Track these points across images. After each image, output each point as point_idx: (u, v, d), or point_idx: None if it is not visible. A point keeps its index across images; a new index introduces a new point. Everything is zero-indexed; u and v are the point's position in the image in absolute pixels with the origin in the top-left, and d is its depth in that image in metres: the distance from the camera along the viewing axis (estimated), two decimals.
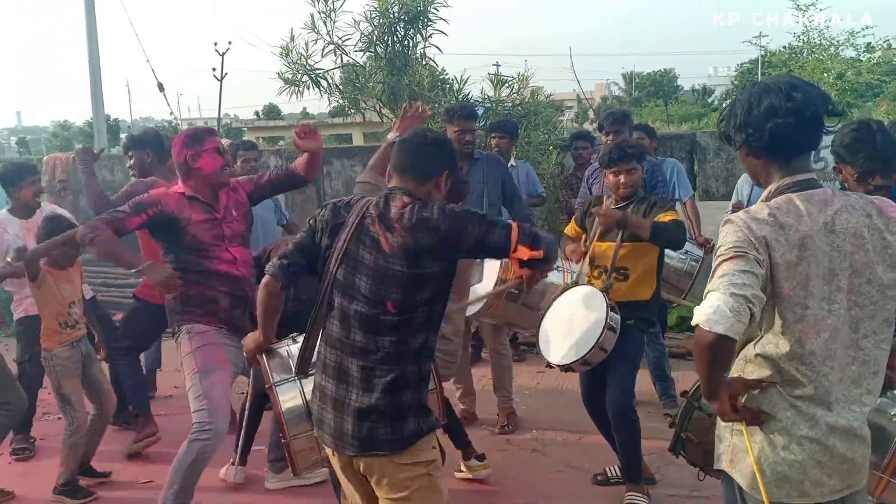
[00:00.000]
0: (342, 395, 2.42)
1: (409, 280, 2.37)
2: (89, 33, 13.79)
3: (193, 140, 3.66)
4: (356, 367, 2.41)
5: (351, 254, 2.43)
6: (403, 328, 2.40)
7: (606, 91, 46.35)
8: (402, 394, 2.40)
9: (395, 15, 6.55)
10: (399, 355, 2.40)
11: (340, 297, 2.44)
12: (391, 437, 2.38)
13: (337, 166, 8.97)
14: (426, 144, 2.51)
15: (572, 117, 32.39)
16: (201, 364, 3.58)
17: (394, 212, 2.40)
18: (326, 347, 2.50)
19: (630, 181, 3.91)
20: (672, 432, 2.71)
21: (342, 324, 2.45)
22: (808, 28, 12.26)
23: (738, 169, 7.60)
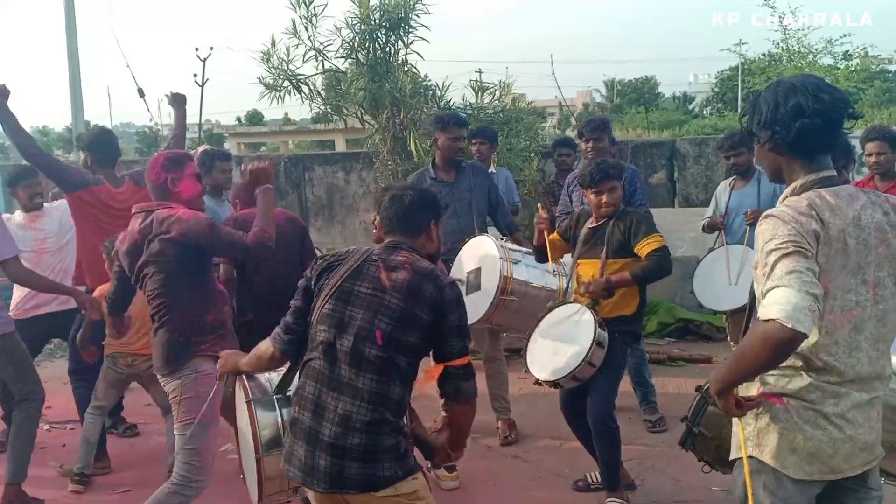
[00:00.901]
0: (316, 429, 2.39)
1: (401, 315, 2.41)
2: (69, 38, 13.69)
3: (174, 164, 3.51)
4: (335, 403, 2.39)
5: (345, 289, 2.47)
6: (386, 369, 2.40)
7: (588, 98, 46.60)
8: (378, 437, 2.37)
9: (377, 21, 6.55)
10: (380, 397, 2.39)
11: (327, 331, 2.45)
12: (362, 478, 2.35)
13: (319, 172, 8.95)
14: (410, 203, 2.63)
15: (554, 124, 32.49)
16: (205, 414, 3.28)
17: (401, 258, 2.52)
18: (306, 380, 2.49)
19: (612, 200, 3.94)
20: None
21: (326, 356, 2.44)
22: (787, 35, 12.40)
23: (717, 176, 7.68)
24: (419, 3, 6.61)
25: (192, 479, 3.32)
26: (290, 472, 2.46)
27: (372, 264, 2.51)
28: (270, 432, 2.72)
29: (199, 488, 3.36)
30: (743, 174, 5.37)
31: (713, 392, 2.15)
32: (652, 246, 3.79)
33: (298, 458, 2.42)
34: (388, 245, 2.60)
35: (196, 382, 3.33)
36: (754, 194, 5.25)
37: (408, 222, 2.63)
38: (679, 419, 2.76)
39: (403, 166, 6.75)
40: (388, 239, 2.63)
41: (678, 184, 8.29)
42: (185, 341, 3.34)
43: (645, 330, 6.99)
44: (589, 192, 4.00)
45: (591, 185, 3.96)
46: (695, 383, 5.80)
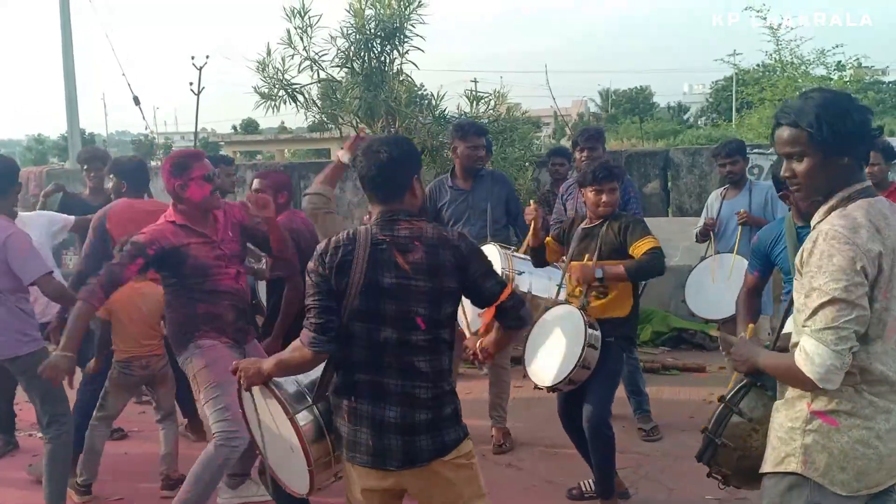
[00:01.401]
0: (380, 415, 2.45)
1: (434, 294, 2.46)
2: (65, 47, 13.72)
3: (180, 169, 3.66)
4: (395, 387, 2.45)
5: (370, 282, 2.44)
6: (434, 346, 2.49)
7: (583, 108, 46.73)
8: (442, 408, 2.50)
9: (372, 31, 6.57)
10: (436, 373, 2.49)
11: (363, 325, 2.46)
12: (432, 447, 2.47)
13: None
14: (385, 164, 2.49)
15: (549, 133, 32.59)
16: (217, 377, 3.59)
17: (406, 233, 2.48)
18: (353, 372, 2.49)
19: (611, 201, 3.95)
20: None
21: (372, 349, 2.46)
22: (780, 46, 12.47)
23: (710, 185, 7.71)
24: (414, 13, 6.63)
25: (232, 432, 3.54)
26: (357, 458, 2.49)
27: (382, 250, 2.46)
28: (316, 439, 2.62)
29: (239, 439, 3.53)
30: (735, 183, 5.41)
31: (744, 368, 2.29)
32: (646, 246, 3.79)
33: (365, 445, 2.47)
34: (384, 218, 2.51)
35: (201, 356, 3.65)
36: (746, 203, 5.30)
37: (389, 186, 2.52)
38: (678, 429, 2.77)
39: None
40: (378, 208, 2.54)
41: (672, 193, 8.33)
42: (181, 331, 3.72)
43: (639, 339, 7.01)
44: (588, 191, 3.98)
45: (592, 182, 3.95)
46: (689, 392, 5.93)
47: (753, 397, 2.40)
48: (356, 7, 6.59)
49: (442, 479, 2.52)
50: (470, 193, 5.02)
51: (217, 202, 3.80)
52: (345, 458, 2.56)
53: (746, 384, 2.43)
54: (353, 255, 2.45)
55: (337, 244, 2.48)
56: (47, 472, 4.04)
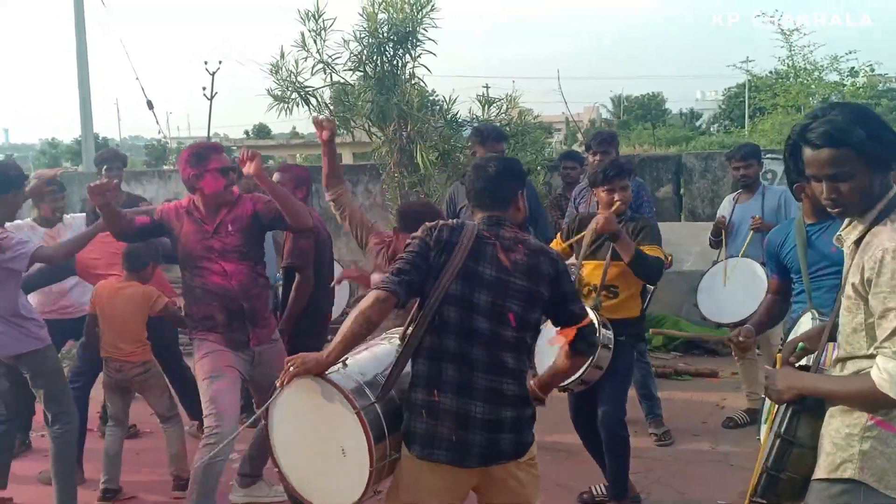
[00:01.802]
0: (465, 410, 2.45)
1: (528, 295, 2.53)
2: (79, 51, 13.82)
3: (197, 159, 3.69)
4: (483, 381, 2.47)
5: (469, 269, 2.50)
6: (520, 346, 2.55)
7: (595, 114, 46.63)
8: (524, 408, 2.55)
9: (385, 35, 6.58)
10: (520, 372, 2.54)
11: (458, 311, 2.48)
12: (513, 447, 2.52)
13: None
14: (496, 174, 2.67)
15: (561, 139, 32.57)
16: (208, 370, 3.66)
17: (511, 235, 2.60)
18: (439, 363, 2.48)
19: (623, 198, 3.95)
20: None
21: (463, 338, 2.48)
22: (793, 52, 12.42)
23: (723, 190, 7.69)
24: (427, 18, 6.64)
25: (212, 427, 3.55)
26: (435, 454, 2.46)
27: (487, 244, 2.54)
28: (377, 438, 2.46)
29: (221, 434, 3.50)
30: (748, 187, 5.40)
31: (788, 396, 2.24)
32: (655, 252, 3.84)
33: (446, 440, 2.45)
34: (490, 221, 2.62)
35: (196, 351, 3.75)
36: (758, 207, 5.29)
37: (497, 195, 2.66)
38: (690, 433, 2.74)
39: (410, 178, 6.77)
40: (481, 214, 2.66)
41: (684, 198, 8.30)
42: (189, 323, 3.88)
43: (651, 344, 6.99)
44: (600, 191, 3.98)
45: (603, 181, 3.95)
46: (701, 397, 5.91)
47: (808, 424, 2.31)
48: (369, 11, 6.61)
49: (514, 480, 2.55)
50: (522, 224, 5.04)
51: (230, 197, 3.78)
52: (414, 454, 2.48)
53: (794, 411, 2.34)
54: (459, 239, 2.52)
55: (447, 225, 2.58)
56: (54, 471, 4.07)
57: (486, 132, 5.16)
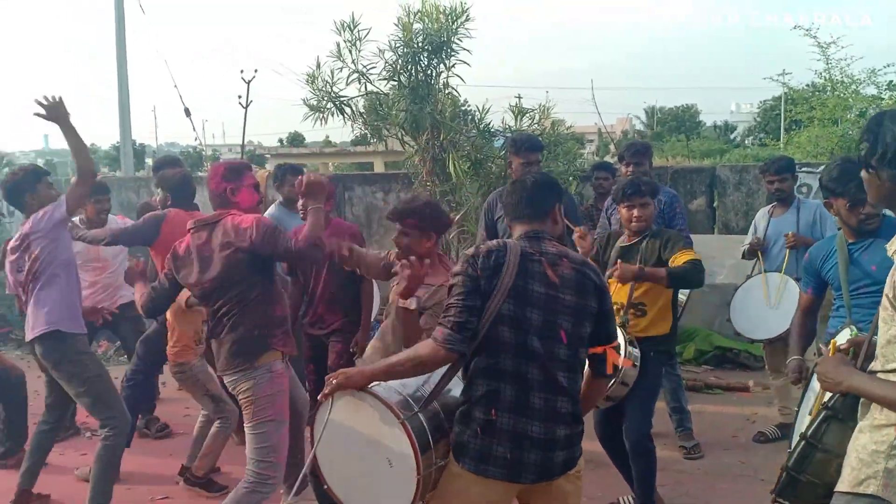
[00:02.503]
0: (522, 429, 2.46)
1: (578, 310, 2.53)
2: (119, 59, 14.10)
3: (234, 173, 3.68)
4: (540, 401, 2.48)
5: (519, 289, 2.49)
6: (573, 364, 2.55)
7: (628, 125, 46.44)
8: (577, 424, 2.57)
9: (419, 45, 6.64)
10: (574, 390, 2.55)
11: (511, 331, 2.47)
12: (565, 463, 2.53)
13: (358, 192, 9.06)
14: (533, 186, 2.71)
15: (593, 150, 32.43)
16: (278, 412, 3.48)
17: (554, 250, 2.60)
18: (496, 382, 2.48)
19: (642, 215, 3.96)
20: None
21: (519, 357, 2.48)
22: (830, 65, 12.23)
23: (757, 203, 7.61)
24: (461, 28, 6.69)
25: (270, 476, 3.44)
26: (490, 471, 2.47)
27: (532, 260, 2.54)
28: (423, 447, 2.48)
29: (276, 484, 3.49)
30: (783, 201, 5.35)
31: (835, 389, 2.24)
32: (686, 257, 3.80)
33: (501, 458, 2.46)
34: (530, 236, 2.62)
35: (271, 382, 3.46)
36: (793, 221, 5.23)
37: (535, 207, 2.67)
38: (720, 447, 2.73)
39: (442, 187, 6.81)
40: (520, 228, 2.66)
41: (718, 210, 8.23)
42: (259, 335, 3.46)
43: (682, 357, 6.93)
44: (621, 207, 4.03)
45: (622, 199, 4.00)
46: (732, 411, 5.86)
47: (837, 431, 2.32)
48: (404, 21, 6.68)
49: (562, 492, 2.57)
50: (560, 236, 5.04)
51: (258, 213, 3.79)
52: (465, 467, 2.49)
53: (826, 417, 2.36)
54: (506, 259, 2.51)
55: (489, 249, 2.54)
56: (94, 469, 4.13)
57: (521, 141, 5.16)
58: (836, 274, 3.47)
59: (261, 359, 3.46)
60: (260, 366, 3.46)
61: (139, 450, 5.08)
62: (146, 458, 5.12)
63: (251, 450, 3.47)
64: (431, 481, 2.55)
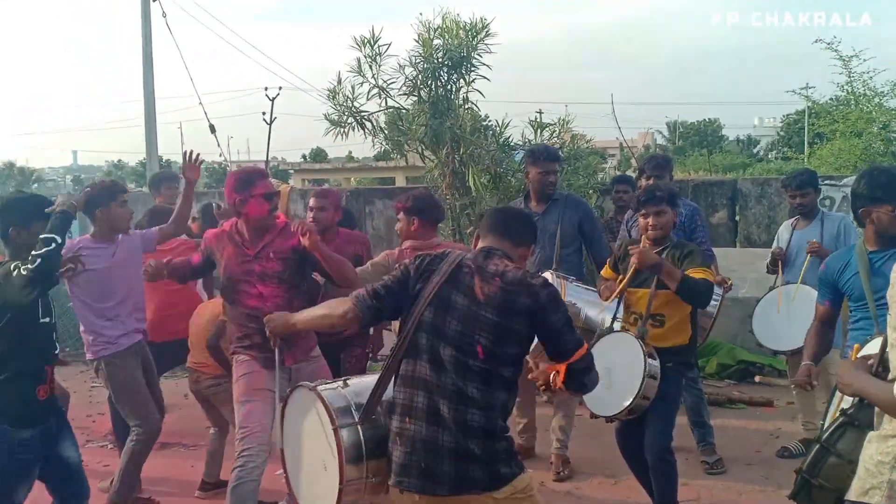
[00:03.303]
0: (433, 437, 2.46)
1: (498, 330, 2.49)
2: (145, 77, 14.30)
3: (243, 185, 3.73)
4: (450, 410, 2.46)
5: (443, 296, 2.53)
6: (490, 379, 2.50)
7: (649, 139, 46.28)
8: (495, 440, 2.50)
9: (439, 60, 6.69)
10: (489, 405, 2.49)
11: (429, 339, 2.52)
12: (487, 478, 2.47)
13: (379, 206, 9.12)
14: (523, 216, 2.85)
15: (615, 165, 32.32)
16: (241, 393, 3.73)
17: (493, 267, 2.56)
18: (412, 389, 2.52)
19: (659, 223, 3.94)
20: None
21: (433, 365, 2.50)
22: (853, 78, 12.19)
23: (780, 216, 7.57)
24: (481, 43, 6.74)
25: (241, 449, 3.61)
26: (405, 483, 2.48)
27: (466, 272, 2.55)
28: (354, 461, 2.56)
29: (249, 455, 3.60)
30: (806, 214, 5.31)
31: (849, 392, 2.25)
32: (702, 273, 3.77)
33: (416, 468, 2.46)
34: (482, 250, 2.65)
35: (236, 370, 3.79)
36: (817, 234, 5.18)
37: (511, 229, 2.72)
38: (743, 462, 2.71)
39: (461, 201, 6.84)
40: (483, 244, 2.69)
41: (740, 224, 8.19)
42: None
43: (704, 371, 6.87)
44: (640, 216, 4.03)
45: (638, 207, 4.00)
46: (756, 426, 5.81)
47: (852, 438, 2.34)
48: (424, 37, 6.73)
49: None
50: (542, 217, 5.02)
51: (272, 221, 3.83)
52: (392, 483, 2.53)
53: (843, 423, 2.37)
54: (439, 266, 2.59)
55: (431, 255, 2.66)
56: (121, 463, 4.35)
57: (539, 152, 5.17)
58: (856, 284, 3.42)
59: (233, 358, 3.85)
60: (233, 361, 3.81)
61: (161, 458, 5.11)
62: (168, 467, 5.16)
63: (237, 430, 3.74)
64: (365, 492, 2.61)
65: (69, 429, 3.43)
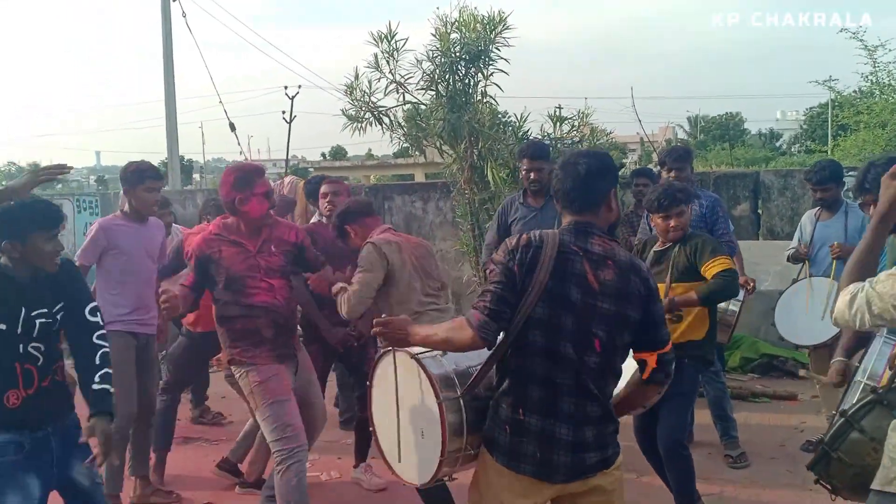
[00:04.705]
0: (550, 430, 2.41)
1: (615, 320, 2.41)
2: (166, 77, 14.42)
3: (243, 184, 3.68)
4: (567, 405, 2.40)
5: (554, 292, 2.36)
6: (605, 371, 2.45)
7: (670, 134, 45.92)
8: (607, 426, 2.49)
9: (457, 54, 6.66)
10: (605, 395, 2.47)
11: (544, 336, 2.38)
12: (599, 462, 2.47)
13: (398, 202, 9.12)
14: (587, 174, 2.44)
15: (635, 160, 32.12)
16: (274, 394, 3.63)
17: (600, 249, 2.41)
18: (525, 383, 2.43)
19: (679, 224, 3.92)
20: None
21: (547, 362, 2.39)
22: (877, 68, 12.02)
23: (803, 208, 7.46)
24: (499, 37, 6.70)
25: (293, 447, 3.57)
26: (522, 468, 2.43)
27: (574, 259, 2.38)
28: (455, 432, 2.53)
29: (304, 450, 3.62)
30: (829, 206, 5.23)
31: None
32: (719, 267, 3.74)
33: (531, 456, 2.42)
34: (577, 229, 2.44)
35: (257, 372, 3.66)
36: (841, 226, 5.10)
37: (588, 196, 2.44)
38: (766, 456, 2.69)
39: (480, 195, 6.82)
40: (571, 218, 2.47)
41: (762, 216, 8.10)
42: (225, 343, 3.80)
43: (727, 365, 6.81)
44: (656, 217, 3.97)
45: (658, 209, 3.94)
46: (779, 419, 5.75)
47: (877, 415, 2.32)
48: (442, 31, 6.70)
49: (600, 490, 2.50)
50: (540, 211, 5.06)
51: (270, 219, 3.84)
52: (499, 462, 2.46)
53: (871, 401, 2.34)
54: (542, 255, 2.38)
55: (527, 242, 2.42)
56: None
57: (524, 148, 5.36)
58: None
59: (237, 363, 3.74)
60: (239, 366, 3.72)
61: (183, 453, 5.14)
62: (190, 462, 5.19)
63: (268, 433, 3.62)
64: (459, 463, 2.58)
65: (81, 451, 2.97)
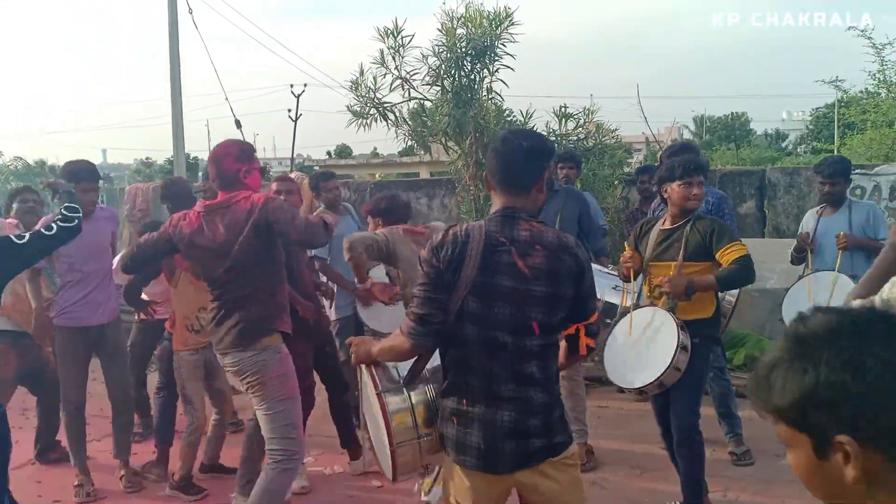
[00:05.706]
0: (492, 419, 2.38)
1: (550, 299, 2.39)
2: (172, 74, 14.43)
3: (247, 156, 3.68)
4: (508, 392, 2.38)
5: (485, 284, 2.35)
6: (547, 352, 2.44)
7: (676, 133, 45.81)
8: (552, 412, 2.45)
9: (463, 49, 6.65)
10: (547, 378, 2.44)
11: (476, 329, 2.37)
12: (545, 450, 2.43)
13: (403, 198, 9.11)
14: (521, 155, 2.42)
15: (640, 160, 32.06)
16: (291, 390, 3.56)
17: (527, 235, 2.40)
18: (466, 374, 2.41)
19: (701, 194, 3.88)
20: None
21: (484, 351, 2.37)
22: (885, 67, 11.96)
23: (808, 206, 7.44)
24: (505, 33, 6.69)
25: (295, 452, 3.50)
26: (468, 461, 2.42)
27: (501, 251, 2.36)
28: (403, 422, 2.55)
29: (299, 460, 3.57)
30: (834, 202, 5.21)
31: None
32: (736, 254, 3.69)
33: (475, 447, 2.39)
34: (504, 217, 2.42)
35: (279, 362, 3.51)
36: (844, 221, 5.09)
37: (520, 178, 2.43)
38: (771, 454, 2.69)
39: (485, 192, 6.80)
40: (498, 200, 2.46)
41: (768, 214, 8.08)
42: (265, 318, 3.50)
43: (732, 363, 6.77)
44: (677, 184, 3.85)
45: (682, 175, 3.83)
46: None
47: None
48: (448, 27, 6.70)
49: (549, 480, 2.46)
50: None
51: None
52: (450, 460, 2.47)
53: None
54: (467, 251, 2.36)
55: (452, 239, 2.39)
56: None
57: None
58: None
59: (265, 340, 3.50)
60: (267, 347, 3.49)
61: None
62: None
63: (271, 430, 3.50)
64: (421, 453, 2.56)
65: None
